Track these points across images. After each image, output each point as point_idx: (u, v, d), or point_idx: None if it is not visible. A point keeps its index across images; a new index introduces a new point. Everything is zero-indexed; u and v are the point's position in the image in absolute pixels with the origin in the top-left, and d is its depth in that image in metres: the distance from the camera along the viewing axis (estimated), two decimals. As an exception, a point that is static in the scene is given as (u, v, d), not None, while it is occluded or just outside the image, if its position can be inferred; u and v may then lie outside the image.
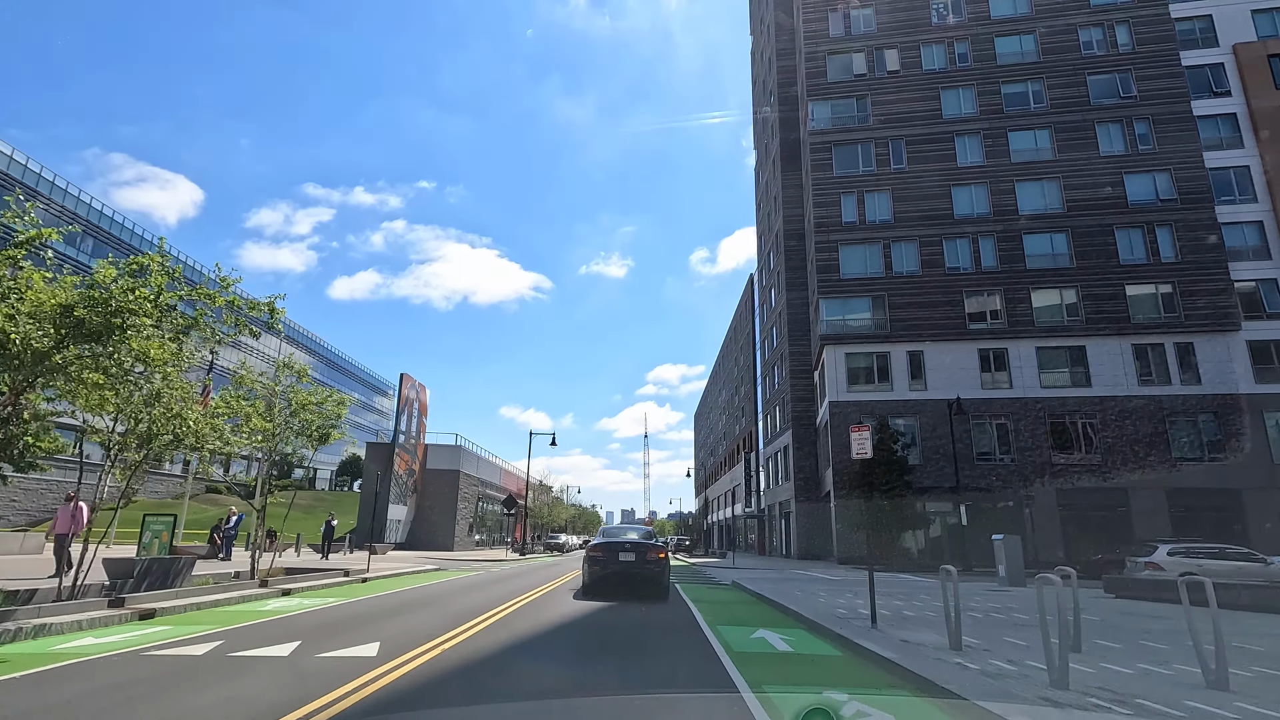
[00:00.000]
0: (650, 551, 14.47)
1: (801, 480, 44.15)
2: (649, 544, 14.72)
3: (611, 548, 14.53)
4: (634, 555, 14.37)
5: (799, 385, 45.86)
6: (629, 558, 14.35)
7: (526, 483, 43.02)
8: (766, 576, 22.70)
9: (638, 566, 14.27)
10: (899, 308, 37.34)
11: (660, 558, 14.57)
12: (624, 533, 15.46)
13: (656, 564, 14.37)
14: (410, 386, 47.20)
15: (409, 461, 47.09)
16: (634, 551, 14.41)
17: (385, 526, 43.65)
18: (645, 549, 14.47)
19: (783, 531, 48.12)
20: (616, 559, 14.35)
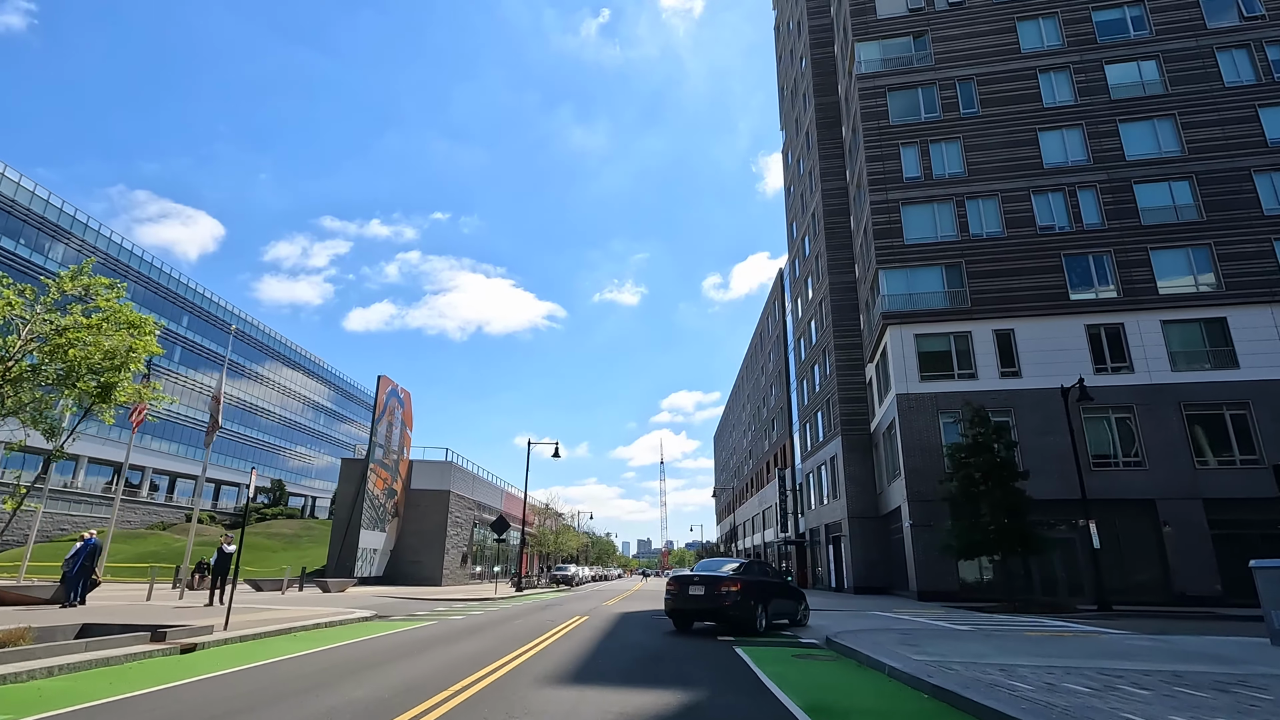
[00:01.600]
0: (721, 585, 13.36)
1: (856, 497, 36.19)
2: (720, 576, 13.58)
3: (682, 581, 14.06)
4: (703, 589, 13.50)
5: (848, 383, 38.16)
6: (698, 591, 13.54)
7: (524, 503, 35.63)
8: (853, 624, 15.04)
9: (707, 600, 13.40)
10: (980, 277, 29.82)
11: (732, 590, 13.30)
12: (715, 567, 14.54)
13: (726, 595, 13.25)
14: (389, 391, 40.05)
15: (388, 480, 39.70)
16: (702, 585, 13.54)
17: (355, 557, 36.11)
18: (716, 582, 13.44)
19: (831, 559, 39.96)
20: (686, 593, 13.70)
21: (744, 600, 13.10)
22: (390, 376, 39.71)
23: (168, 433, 74.29)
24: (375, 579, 38.20)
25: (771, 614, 14.27)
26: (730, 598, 12.99)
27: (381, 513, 38.93)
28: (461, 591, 31.90)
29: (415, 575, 40.63)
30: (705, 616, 13.53)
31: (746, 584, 13.42)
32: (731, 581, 13.23)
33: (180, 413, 75.19)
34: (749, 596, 13.27)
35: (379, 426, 38.76)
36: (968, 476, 23.56)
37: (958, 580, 26.74)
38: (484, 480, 51.40)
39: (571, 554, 76.90)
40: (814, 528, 44.16)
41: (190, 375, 75.34)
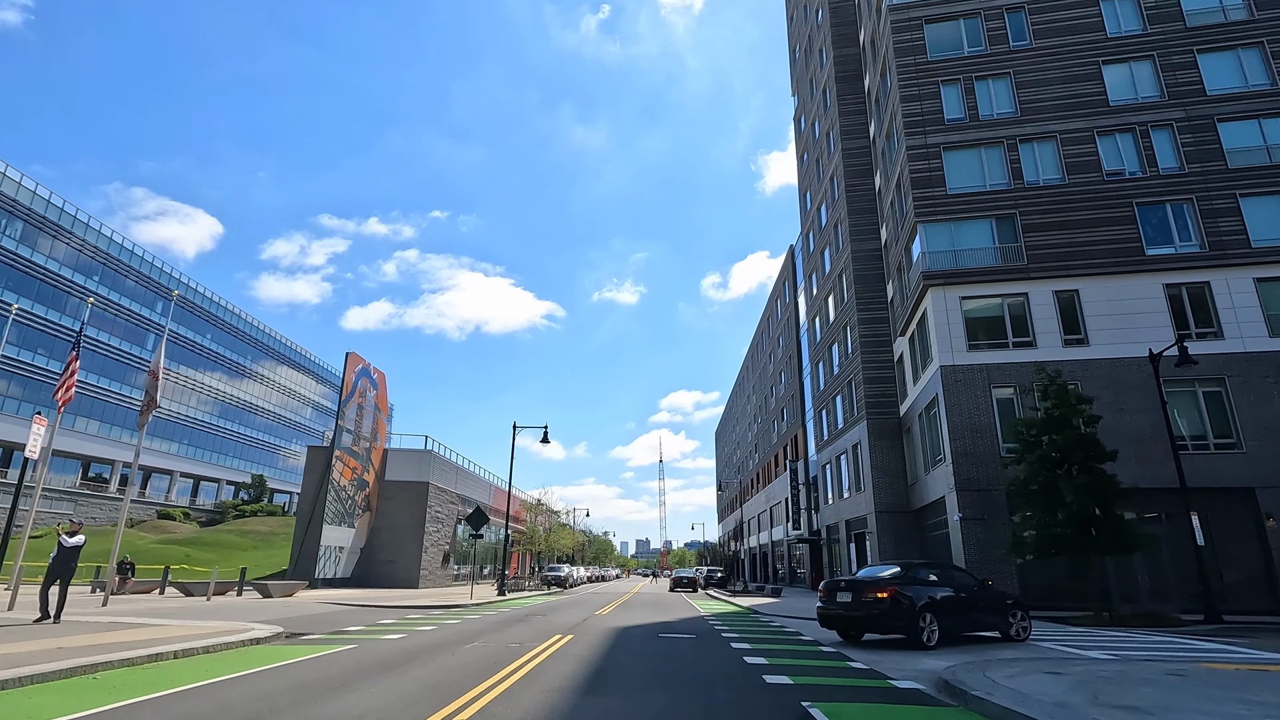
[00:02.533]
0: (867, 591, 12.00)
1: (884, 488, 31.73)
2: (865, 581, 12.40)
3: (831, 588, 12.92)
4: (850, 596, 12.29)
5: (874, 361, 33.70)
6: (845, 598, 12.35)
7: (509, 495, 31.14)
8: (940, 648, 10.62)
9: (856, 608, 12.07)
10: (1038, 230, 25.39)
11: (879, 597, 11.74)
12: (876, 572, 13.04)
13: (874, 604, 11.75)
14: (359, 371, 35.51)
15: (358, 470, 35.16)
16: (849, 591, 12.37)
17: (318, 556, 31.55)
18: (862, 588, 12.18)
19: (852, 559, 35.47)
20: (834, 599, 12.62)
21: (898, 609, 11.57)
22: (361, 354, 35.19)
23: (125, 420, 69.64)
24: (342, 580, 33.66)
25: (950, 626, 12.12)
26: (878, 606, 11.66)
27: (350, 506, 34.39)
28: (434, 596, 27.37)
29: (389, 576, 36.12)
30: (857, 626, 12.45)
31: (902, 591, 11.80)
32: (878, 587, 11.91)
33: (155, 404, 70.56)
34: (905, 605, 11.62)
35: (347, 409, 34.23)
36: (1042, 458, 19.08)
37: (1017, 584, 22.27)
38: (469, 473, 46.84)
39: (566, 553, 72.35)
40: (831, 524, 39.67)
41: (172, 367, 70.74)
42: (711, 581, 46.38)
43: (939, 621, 11.76)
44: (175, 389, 73.32)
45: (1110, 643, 12.59)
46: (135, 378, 68.41)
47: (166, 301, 71.86)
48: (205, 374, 77.19)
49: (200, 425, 76.76)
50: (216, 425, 79.27)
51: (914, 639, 11.58)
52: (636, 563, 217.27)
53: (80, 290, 60.85)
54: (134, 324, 67.73)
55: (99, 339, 63.56)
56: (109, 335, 64.43)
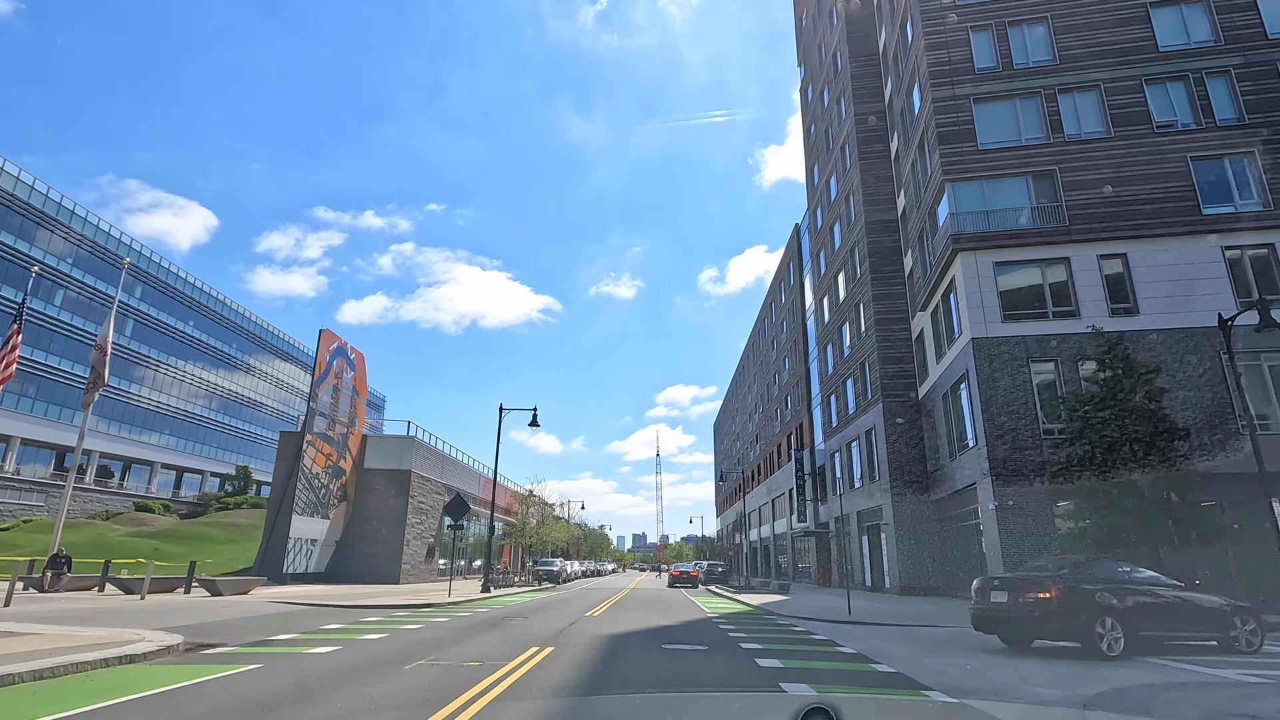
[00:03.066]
0: (1026, 590, 10.07)
1: (902, 477, 29.14)
2: (1023, 579, 10.40)
3: (985, 587, 11.12)
4: (1005, 595, 10.39)
5: (891, 339, 31.07)
6: (1000, 598, 10.48)
7: (494, 483, 28.42)
8: (1025, 653, 8.01)
9: (1013, 609, 10.19)
10: (1080, 188, 22.73)
11: (1041, 597, 9.87)
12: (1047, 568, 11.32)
13: (1034, 605, 9.89)
14: (333, 350, 32.71)
15: (333, 456, 32.41)
16: (1005, 590, 10.45)
17: (286, 549, 28.82)
18: (1019, 586, 10.24)
19: (865, 553, 32.90)
20: (989, 600, 10.79)
21: (1068, 611, 9.74)
22: (335, 332, 32.41)
23: (120, 414, 66.76)
24: (315, 576, 30.93)
25: (1141, 632, 9.96)
26: (1043, 608, 9.85)
27: (324, 496, 31.64)
28: (410, 593, 24.68)
29: (368, 571, 33.42)
30: (1018, 631, 10.55)
31: (1073, 589, 9.92)
32: (1040, 585, 10.02)
33: (137, 393, 67.73)
34: (1077, 606, 9.75)
35: (320, 391, 31.44)
36: (1102, 437, 16.46)
37: (1062, 581, 19.66)
38: (457, 462, 44.12)
39: (561, 547, 69.72)
40: (840, 516, 37.08)
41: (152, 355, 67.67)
42: (712, 577, 43.80)
43: (1124, 627, 9.71)
44: (157, 377, 70.41)
45: (1248, 663, 9.96)
46: (112, 363, 65.42)
47: (146, 286, 68.89)
48: (189, 363, 74.21)
49: (184, 415, 73.82)
50: (201, 415, 76.34)
51: (1090, 647, 9.65)
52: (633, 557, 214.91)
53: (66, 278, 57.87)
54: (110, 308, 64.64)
55: (83, 328, 60.71)
56: (84, 320, 61.43)
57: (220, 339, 79.66)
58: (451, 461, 42.56)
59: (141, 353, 68.59)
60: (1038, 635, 10.47)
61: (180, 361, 73.14)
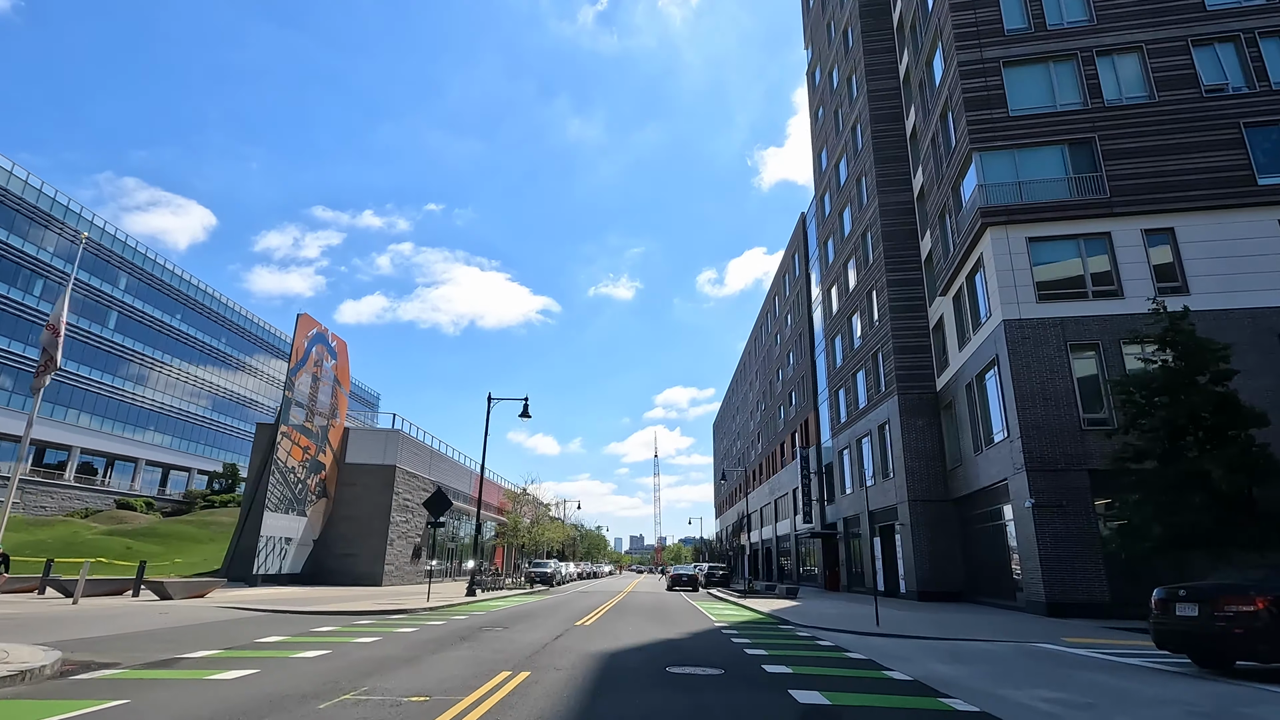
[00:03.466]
0: (1229, 599, 8.11)
1: (919, 474, 27.08)
2: (1219, 589, 8.44)
3: (1169, 598, 9.04)
4: (1195, 609, 8.57)
5: (906, 328, 29.02)
6: (1188, 611, 8.65)
7: (480, 478, 26.21)
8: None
9: (1205, 623, 8.37)
10: (1122, 157, 20.71)
11: (1250, 610, 7.83)
12: None
13: (1237, 620, 7.94)
14: (313, 336, 30.58)
15: (311, 450, 30.26)
16: (1194, 603, 8.60)
17: (257, 548, 26.66)
18: (1215, 598, 8.30)
19: (878, 556, 30.80)
20: (1173, 613, 8.90)
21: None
22: (314, 317, 30.29)
23: (104, 409, 64.53)
24: (289, 577, 28.76)
25: None
26: (1248, 623, 7.78)
27: (300, 492, 29.48)
28: (387, 597, 22.53)
29: (348, 572, 31.28)
30: (1216, 650, 8.59)
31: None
32: (1243, 596, 7.99)
33: (121, 389, 65.50)
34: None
35: (297, 380, 29.30)
36: (1166, 423, 14.39)
37: (1108, 588, 17.62)
38: (446, 458, 41.97)
39: (555, 548, 67.58)
40: (849, 516, 35.00)
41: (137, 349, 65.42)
42: (713, 579, 41.65)
43: None
44: (143, 372, 68.19)
45: None
46: (94, 357, 63.39)
47: (131, 278, 66.70)
48: (176, 357, 71.97)
49: (171, 411, 71.57)
50: (189, 412, 74.08)
51: None
52: (630, 559, 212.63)
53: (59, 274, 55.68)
54: (93, 301, 62.46)
55: (53, 314, 58.34)
56: (64, 311, 59.07)
57: (209, 333, 77.44)
58: (441, 457, 40.42)
59: (126, 346, 66.37)
60: (1243, 656, 8.61)
61: (167, 356, 70.92)
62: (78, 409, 62.07)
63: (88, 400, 62.73)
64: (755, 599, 26.50)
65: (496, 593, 28.83)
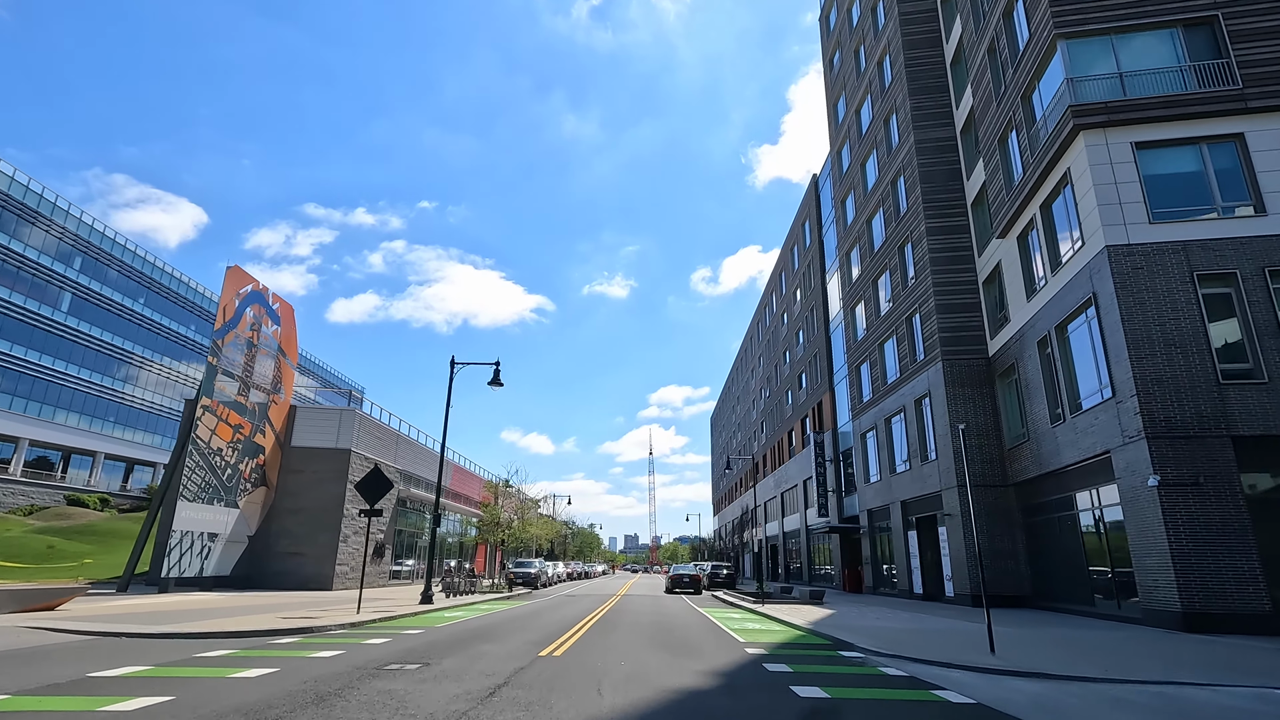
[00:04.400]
0: None
1: (968, 454, 22.36)
2: None
3: None
4: None
5: (951, 283, 24.33)
6: None
7: (440, 463, 21.30)
8: None
9: None
10: (1254, 39, 16.03)
11: None
12: None
13: None
14: (246, 295, 25.56)
15: (244, 429, 25.29)
16: None
17: (168, 547, 21.67)
18: None
19: (913, 553, 26.07)
20: None
21: None
22: (250, 274, 25.32)
23: (60, 399, 59.22)
24: (215, 580, 23.77)
25: None
26: None
27: (231, 479, 24.50)
28: (309, 609, 17.59)
29: (293, 574, 26.33)
30: None
31: None
32: None
33: (78, 376, 60.19)
34: None
35: (225, 345, 24.30)
36: None
37: (1267, 595, 12.92)
38: (415, 443, 37.01)
39: (544, 546, 62.61)
40: (875, 508, 30.26)
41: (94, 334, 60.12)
42: (717, 580, 36.88)
43: None
44: (101, 359, 62.87)
45: None
46: (56, 346, 58.28)
47: (86, 258, 61.36)
48: (139, 345, 66.67)
49: (134, 402, 66.22)
50: (154, 403, 68.72)
51: None
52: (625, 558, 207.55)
53: None
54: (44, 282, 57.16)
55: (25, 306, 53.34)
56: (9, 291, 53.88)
57: (177, 319, 72.09)
58: (409, 443, 35.46)
59: (83, 331, 61.06)
60: None
61: (129, 343, 65.62)
62: (27, 398, 56.75)
63: (40, 389, 57.40)
64: (774, 604, 21.68)
65: (464, 599, 23.92)
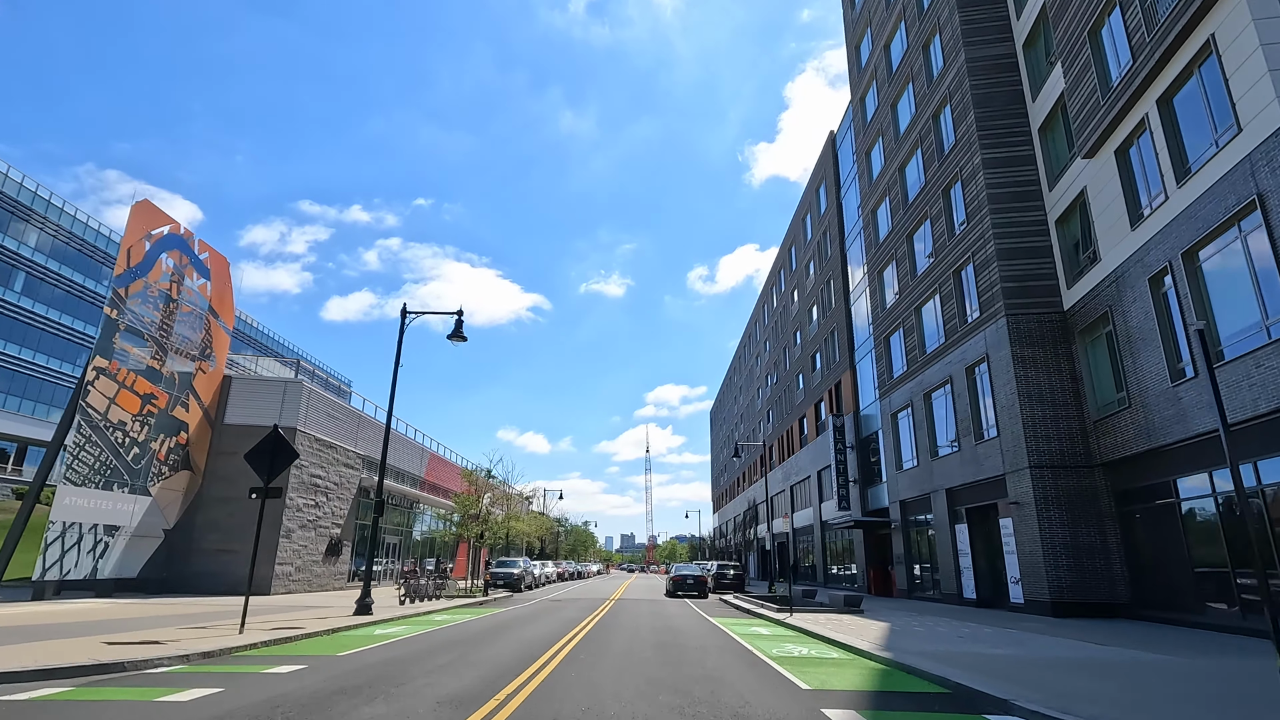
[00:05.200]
0: None
1: (1042, 431, 18.09)
2: None
3: None
4: None
5: (1015, 224, 20.01)
6: None
7: (387, 425, 16.93)
8: None
9: None
10: None
11: None
12: None
13: None
14: (162, 238, 21.01)
15: (158, 400, 20.78)
16: None
17: (44, 543, 17.14)
18: None
19: (960, 549, 21.73)
20: None
21: None
22: (168, 214, 20.82)
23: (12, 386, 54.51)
24: (117, 583, 19.26)
25: None
26: None
27: (139, 460, 19.99)
28: (209, 620, 13.12)
29: (225, 575, 21.84)
30: None
31: None
32: None
33: (33, 362, 55.48)
34: None
35: (129, 296, 19.78)
36: None
37: None
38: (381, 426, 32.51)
39: (534, 543, 58.15)
40: (910, 499, 25.93)
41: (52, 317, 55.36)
42: (723, 582, 32.51)
43: None
44: (58, 344, 58.18)
45: None
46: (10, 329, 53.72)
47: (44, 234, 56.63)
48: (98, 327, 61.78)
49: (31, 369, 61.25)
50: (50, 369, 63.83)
51: None
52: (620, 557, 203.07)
53: None
54: None
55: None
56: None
57: (79, 269, 67.18)
58: (373, 424, 30.95)
59: (39, 314, 56.38)
60: None
61: (93, 329, 60.86)
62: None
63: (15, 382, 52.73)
64: (803, 613, 17.30)
65: (424, 606, 19.49)
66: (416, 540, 38.25)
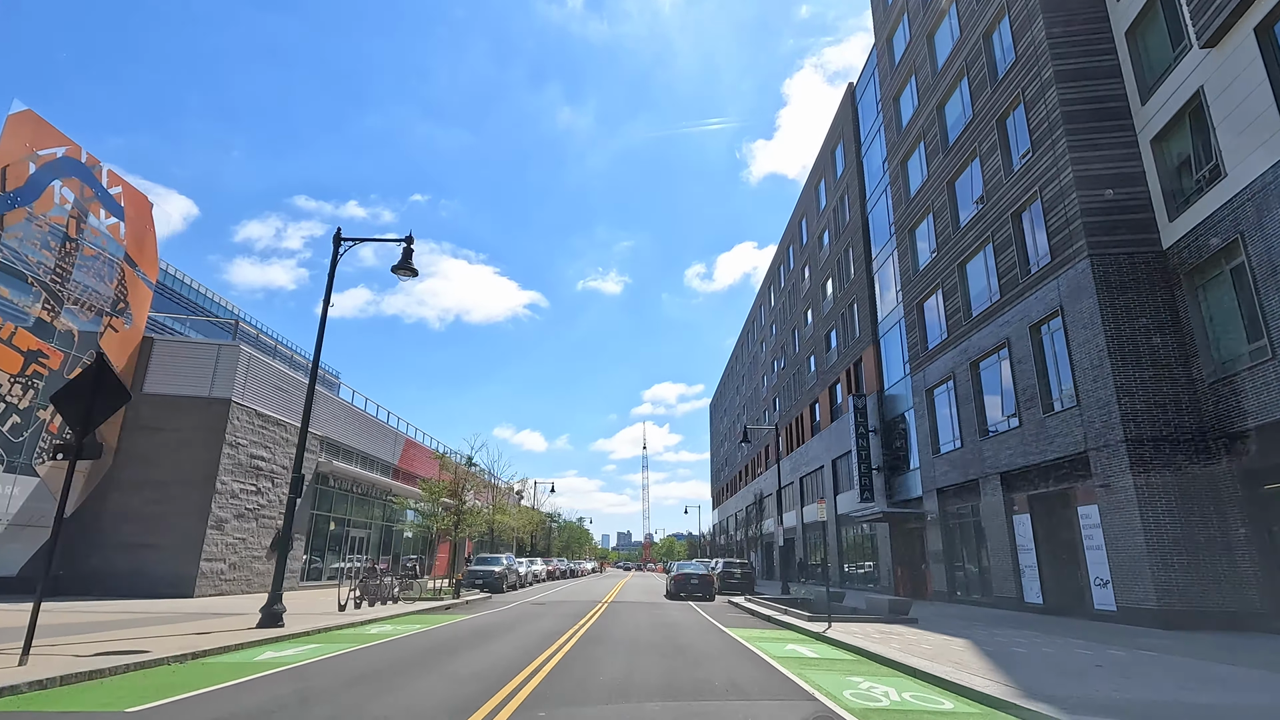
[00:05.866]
0: None
1: (1143, 393, 14.35)
2: None
3: None
4: None
5: (1097, 149, 16.26)
6: None
7: (313, 370, 13.34)
8: None
9: None
10: None
11: None
12: None
13: None
14: (56, 161, 17.12)
15: (51, 359, 16.94)
16: None
17: None
18: None
19: (1021, 546, 18.00)
20: None
21: None
22: (64, 132, 16.99)
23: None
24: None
25: None
26: None
27: (21, 428, 16.15)
28: (48, 634, 9.27)
29: (143, 575, 18.02)
30: None
31: None
32: None
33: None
34: None
35: (8, 231, 15.90)
36: None
37: None
38: (354, 409, 28.68)
39: (524, 540, 54.37)
40: (948, 486, 22.19)
41: None
42: (730, 583, 28.81)
43: None
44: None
45: None
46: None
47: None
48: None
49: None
50: None
51: None
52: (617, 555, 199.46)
53: None
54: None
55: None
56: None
57: None
58: (335, 402, 27.10)
59: None
60: None
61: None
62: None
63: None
64: (844, 623, 13.52)
65: (369, 611, 15.73)
66: (396, 535, 34.37)
